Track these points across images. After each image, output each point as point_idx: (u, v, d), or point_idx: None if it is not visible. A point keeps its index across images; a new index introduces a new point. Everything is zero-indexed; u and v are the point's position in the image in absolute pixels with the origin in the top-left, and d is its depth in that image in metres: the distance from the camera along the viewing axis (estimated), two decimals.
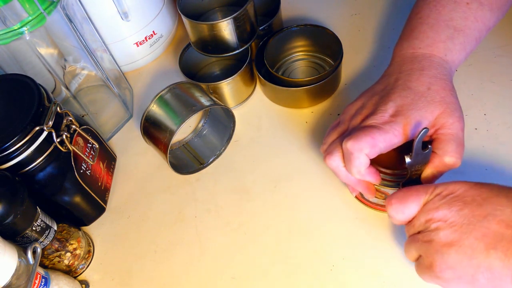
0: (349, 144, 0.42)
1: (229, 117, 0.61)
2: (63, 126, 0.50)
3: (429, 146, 0.42)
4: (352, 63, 0.66)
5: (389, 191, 0.46)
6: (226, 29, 0.58)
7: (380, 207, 0.51)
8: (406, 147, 0.44)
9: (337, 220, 0.52)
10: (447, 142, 0.43)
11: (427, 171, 0.44)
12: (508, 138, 0.53)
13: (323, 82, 0.59)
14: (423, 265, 0.39)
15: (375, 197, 0.48)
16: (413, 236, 0.40)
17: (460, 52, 0.48)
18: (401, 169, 0.45)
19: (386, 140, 0.42)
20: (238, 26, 0.58)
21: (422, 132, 0.40)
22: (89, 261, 0.55)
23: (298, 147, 0.59)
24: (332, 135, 0.48)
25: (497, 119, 0.55)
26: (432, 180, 0.44)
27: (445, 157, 0.43)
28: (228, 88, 0.62)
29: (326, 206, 0.53)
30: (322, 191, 0.54)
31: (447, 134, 0.43)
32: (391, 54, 0.51)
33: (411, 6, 0.72)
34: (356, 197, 0.53)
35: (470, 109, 0.56)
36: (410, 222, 0.40)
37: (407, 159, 0.42)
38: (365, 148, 0.42)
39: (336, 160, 0.46)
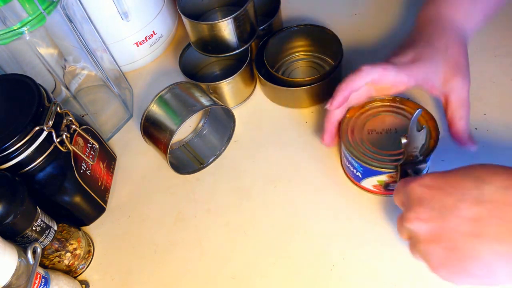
0: (364, 66, 0.48)
1: (229, 117, 0.61)
2: (63, 126, 0.50)
3: (423, 126, 0.44)
4: (352, 63, 0.65)
5: (385, 175, 0.48)
6: (226, 29, 0.58)
7: (378, 192, 0.52)
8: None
9: (337, 220, 0.52)
10: (459, 108, 0.48)
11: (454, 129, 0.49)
12: (508, 138, 0.53)
13: (323, 82, 0.59)
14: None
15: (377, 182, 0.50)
16: (405, 237, 0.40)
17: (479, 15, 0.52)
18: (399, 153, 0.47)
19: (397, 76, 0.48)
20: (238, 26, 0.58)
21: (416, 113, 0.42)
22: (89, 261, 0.55)
23: (298, 147, 0.59)
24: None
25: (497, 119, 0.55)
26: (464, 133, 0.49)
27: (459, 122, 0.48)
28: (228, 88, 0.62)
29: (326, 206, 0.53)
30: (322, 191, 0.54)
31: (458, 100, 0.48)
32: (391, 54, 0.52)
33: (410, 6, 0.72)
34: (353, 182, 0.53)
35: (470, 109, 0.56)
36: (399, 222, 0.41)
37: (403, 140, 0.43)
38: (373, 74, 0.47)
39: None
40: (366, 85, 0.48)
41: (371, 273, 0.47)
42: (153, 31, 0.70)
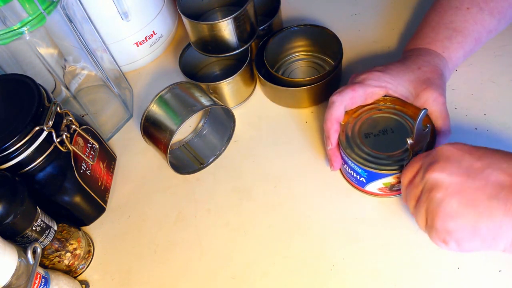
0: (334, 97, 0.50)
1: (229, 117, 0.61)
2: (63, 126, 0.50)
3: (428, 125, 0.45)
4: (352, 63, 0.66)
5: (391, 177, 0.47)
6: (226, 29, 0.58)
7: (384, 194, 0.51)
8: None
9: (337, 220, 0.52)
10: (435, 121, 0.49)
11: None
12: (508, 138, 0.53)
13: (323, 82, 0.59)
14: (424, 219, 0.41)
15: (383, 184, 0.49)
16: (415, 192, 0.42)
17: (457, 50, 0.53)
18: (402, 152, 0.47)
19: (366, 91, 0.50)
20: (238, 26, 0.58)
21: (422, 113, 0.43)
22: (89, 261, 0.55)
23: (298, 147, 0.59)
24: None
25: (497, 119, 0.55)
26: None
27: (439, 135, 0.49)
28: (228, 88, 0.62)
29: (326, 206, 0.53)
30: (322, 191, 0.54)
31: (434, 112, 0.49)
32: (392, 54, 0.53)
33: (410, 6, 0.72)
34: (355, 187, 0.53)
35: (470, 109, 0.56)
36: (411, 182, 0.43)
37: (409, 141, 0.44)
38: (345, 100, 0.50)
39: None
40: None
41: (371, 273, 0.47)
42: (153, 31, 0.70)
